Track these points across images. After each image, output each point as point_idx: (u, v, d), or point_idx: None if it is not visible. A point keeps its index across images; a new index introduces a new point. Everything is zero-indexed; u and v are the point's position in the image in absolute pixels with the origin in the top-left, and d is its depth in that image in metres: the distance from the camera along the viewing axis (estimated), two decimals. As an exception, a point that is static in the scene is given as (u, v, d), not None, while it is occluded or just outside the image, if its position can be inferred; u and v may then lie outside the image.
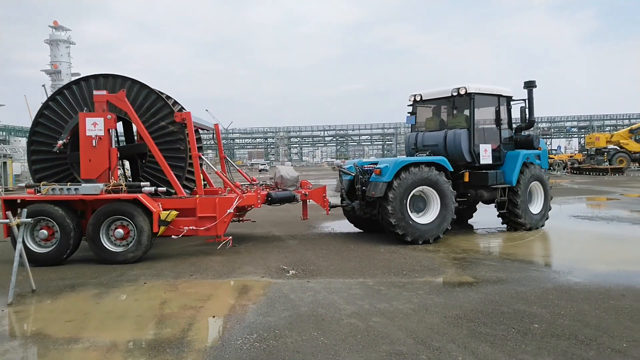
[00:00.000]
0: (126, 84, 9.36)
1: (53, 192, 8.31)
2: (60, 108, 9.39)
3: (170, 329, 5.04)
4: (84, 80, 9.46)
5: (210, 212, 8.69)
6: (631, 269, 7.15)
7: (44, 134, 9.42)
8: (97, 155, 8.60)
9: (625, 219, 12.37)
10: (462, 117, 10.94)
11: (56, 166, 9.45)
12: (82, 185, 8.40)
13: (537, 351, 4.23)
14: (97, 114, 8.67)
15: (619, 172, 37.04)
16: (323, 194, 10.31)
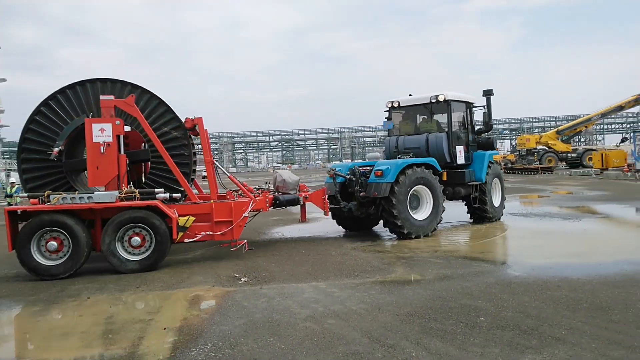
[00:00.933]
0: (126, 89, 9.11)
1: (64, 201, 7.81)
2: (53, 113, 8.93)
3: (119, 344, 4.85)
4: (80, 85, 9.06)
5: (226, 216, 8.66)
6: (565, 261, 7.65)
7: (35, 141, 8.89)
8: (105, 162, 8.24)
9: (556, 214, 13.21)
10: (434, 122, 12.02)
11: (49, 175, 8.96)
12: (96, 193, 7.99)
13: (485, 343, 4.44)
14: (104, 120, 8.31)
15: (549, 171, 39.48)
16: (323, 197, 10.52)
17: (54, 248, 7.71)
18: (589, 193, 19.92)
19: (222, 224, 8.61)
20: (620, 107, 44.12)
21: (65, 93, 9.03)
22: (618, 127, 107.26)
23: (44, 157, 8.79)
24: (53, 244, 7.71)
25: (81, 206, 7.85)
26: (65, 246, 7.80)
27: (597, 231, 10.54)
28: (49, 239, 7.73)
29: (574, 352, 4.13)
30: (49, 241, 7.72)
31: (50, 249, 7.72)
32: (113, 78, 9.15)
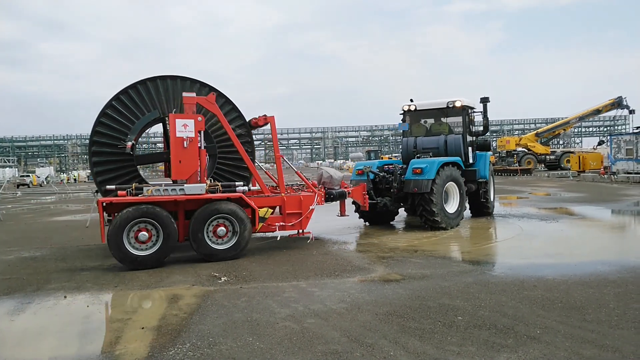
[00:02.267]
0: (195, 87, 9.45)
1: (157, 193, 8.08)
2: (124, 108, 9.12)
3: (96, 344, 4.79)
4: (150, 81, 9.27)
5: (296, 208, 9.30)
6: (541, 262, 7.79)
7: (106, 135, 9.06)
8: (188, 157, 8.52)
9: (534, 215, 13.43)
10: (445, 125, 13.21)
11: (120, 168, 9.14)
12: (186, 185, 8.35)
13: (462, 342, 4.50)
14: (187, 116, 8.60)
15: (528, 172, 40.13)
16: (363, 192, 11.09)
17: (145, 238, 7.93)
18: (566, 195, 20.31)
19: (292, 215, 9.24)
20: (597, 111, 45.08)
21: (136, 88, 9.21)
22: (595, 130, 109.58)
23: (114, 150, 8.96)
24: (144, 234, 7.93)
25: (175, 198, 8.15)
26: (154, 236, 8.01)
27: (574, 232, 10.75)
28: (139, 230, 7.93)
29: (548, 351, 4.21)
30: (139, 232, 7.91)
31: (141, 239, 7.92)
32: (183, 75, 9.43)
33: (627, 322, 4.87)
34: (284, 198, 9.24)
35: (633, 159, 30.73)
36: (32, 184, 52.16)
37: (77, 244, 10.86)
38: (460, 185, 11.70)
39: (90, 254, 9.61)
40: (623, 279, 6.49)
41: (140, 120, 9.15)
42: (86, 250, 10.09)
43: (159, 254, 8.03)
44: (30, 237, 12.40)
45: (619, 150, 32.44)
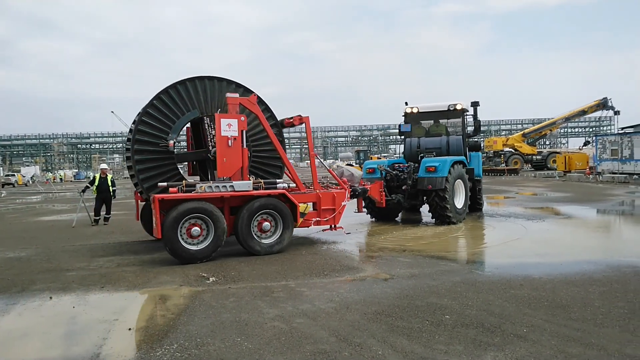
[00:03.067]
0: (230, 87, 9.77)
1: (209, 189, 8.39)
2: (165, 107, 9.34)
3: (82, 345, 4.74)
4: (189, 81, 9.51)
5: (330, 204, 9.75)
6: (528, 261, 7.86)
7: (148, 133, 9.24)
8: (232, 155, 8.83)
9: (521, 215, 13.56)
10: (442, 126, 14.16)
11: (162, 166, 9.36)
12: (235, 182, 8.69)
13: (449, 340, 4.53)
14: (231, 116, 8.91)
15: (514, 172, 40.51)
16: (380, 189, 11.65)
17: (197, 233, 8.21)
18: (552, 194, 20.53)
19: (327, 211, 9.69)
20: (583, 112, 45.67)
21: (176, 88, 9.41)
22: (581, 131, 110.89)
23: (156, 148, 9.19)
24: (197, 229, 8.20)
25: (226, 194, 8.53)
26: (204, 231, 8.28)
27: (560, 232, 10.87)
28: (191, 225, 8.17)
29: (535, 349, 4.26)
30: (192, 227, 8.16)
31: (194, 234, 8.18)
32: (220, 77, 9.72)
33: (612, 320, 4.94)
34: (319, 195, 9.66)
35: (618, 160, 31.17)
36: (17, 183, 51.47)
37: (63, 244, 10.74)
38: (465, 182, 12.55)
39: (77, 254, 9.51)
40: (608, 277, 6.58)
41: (181, 120, 9.43)
42: (72, 250, 9.98)
43: (210, 248, 8.30)
44: (15, 237, 12.22)
45: (604, 150, 32.88)
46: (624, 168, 30.21)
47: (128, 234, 12.20)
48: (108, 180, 14.55)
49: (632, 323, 4.83)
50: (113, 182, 14.79)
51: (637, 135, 29.96)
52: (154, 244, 10.39)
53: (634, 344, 4.32)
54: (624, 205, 16.70)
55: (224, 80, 9.78)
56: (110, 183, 14.56)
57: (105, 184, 14.45)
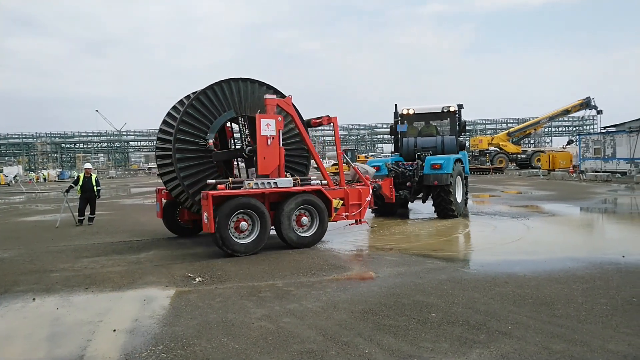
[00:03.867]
0: (262, 89, 10.13)
1: (255, 186, 8.83)
2: (203, 108, 9.63)
3: (66, 347, 4.68)
4: (225, 82, 9.82)
5: (357, 200, 10.33)
6: (512, 258, 7.95)
7: (187, 132, 9.49)
8: (271, 153, 9.21)
9: (505, 213, 13.72)
10: (433, 127, 15.16)
11: (200, 165, 9.62)
12: (278, 179, 9.19)
13: (435, 338, 4.56)
14: (270, 116, 9.29)
15: (499, 171, 40.95)
16: (390, 186, 12.46)
17: (245, 228, 8.64)
18: (536, 193, 20.79)
19: (354, 206, 10.26)
20: (566, 111, 46.34)
21: (212, 89, 9.70)
22: (565, 130, 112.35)
23: (195, 147, 9.48)
24: (244, 224, 8.62)
25: (271, 190, 9.02)
26: (250, 225, 8.72)
27: (544, 229, 11.02)
28: (239, 220, 8.59)
29: (519, 346, 4.30)
30: (239, 222, 8.58)
31: (242, 229, 8.61)
32: (252, 78, 10.10)
33: (595, 316, 5.01)
34: (347, 191, 10.25)
35: (600, 158, 31.69)
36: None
37: (47, 245, 10.59)
38: (462, 178, 13.51)
39: (61, 255, 9.38)
40: (591, 274, 6.69)
41: (218, 119, 9.75)
42: (56, 251, 9.85)
43: (256, 242, 8.72)
44: (-4, 238, 12.01)
45: (587, 149, 33.41)
46: (606, 166, 30.73)
47: (113, 234, 12.07)
48: (92, 179, 14.37)
49: (614, 319, 4.91)
50: (97, 181, 14.61)
51: (619, 135, 30.50)
52: (139, 244, 10.31)
53: (616, 339, 4.39)
54: (606, 203, 16.98)
55: (256, 82, 10.17)
56: (95, 183, 14.38)
57: (90, 184, 14.28)
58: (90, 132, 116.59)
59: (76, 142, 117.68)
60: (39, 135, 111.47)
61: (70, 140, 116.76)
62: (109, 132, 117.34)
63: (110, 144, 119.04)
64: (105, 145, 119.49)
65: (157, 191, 11.24)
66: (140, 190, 33.29)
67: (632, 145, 28.45)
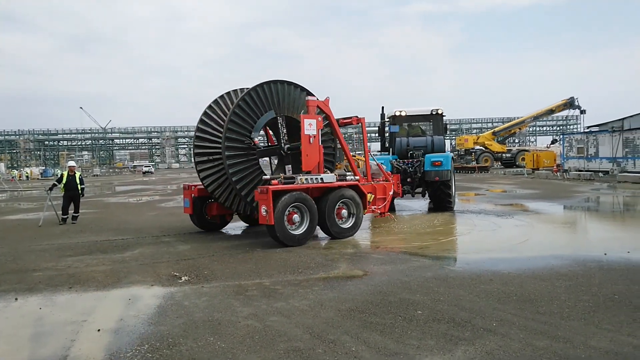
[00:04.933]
0: (296, 90, 10.81)
1: (307, 181, 9.56)
2: (248, 108, 10.14)
3: (49, 347, 4.61)
4: (266, 84, 10.36)
5: (382, 194, 11.34)
6: (497, 256, 8.05)
7: (235, 131, 9.99)
8: (312, 151, 9.93)
9: (490, 212, 13.85)
10: (418, 128, 16.20)
11: (246, 162, 10.11)
12: (323, 175, 9.96)
13: (421, 335, 4.60)
14: (312, 116, 9.99)
15: (485, 170, 41.33)
16: (398, 182, 13.08)
17: (297, 220, 9.29)
18: (521, 191, 21.03)
19: (380, 200, 11.17)
20: (551, 111, 46.94)
21: (255, 90, 10.23)
22: (549, 130, 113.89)
23: (241, 145, 10.02)
24: (296, 216, 9.27)
25: (319, 185, 9.76)
26: (300, 218, 9.35)
27: (528, 227, 11.13)
28: (291, 213, 9.19)
29: (504, 343, 4.36)
30: (292, 215, 9.21)
31: (294, 221, 9.25)
32: (288, 80, 10.71)
33: (578, 313, 5.09)
34: (375, 186, 11.17)
35: (584, 157, 32.15)
36: (-20, 181, 49.67)
37: (30, 244, 10.43)
38: (454, 175, 14.71)
39: (44, 254, 9.25)
40: (574, 272, 6.79)
41: (261, 119, 10.29)
42: (39, 250, 9.70)
43: (307, 233, 9.39)
44: (-23, 237, 11.79)
45: (570, 148, 33.88)
46: (589, 165, 31.19)
47: (98, 233, 11.93)
48: (76, 178, 14.19)
49: (597, 316, 5.00)
50: (82, 179, 14.42)
51: (602, 134, 30.97)
52: (124, 242, 10.20)
53: (598, 336, 4.47)
54: (589, 201, 17.25)
55: (292, 84, 10.78)
56: (79, 181, 14.19)
57: (74, 182, 14.09)
58: (75, 130, 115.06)
59: (60, 139, 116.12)
60: (22, 132, 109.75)
61: (54, 137, 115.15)
62: (94, 129, 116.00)
63: (94, 141, 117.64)
64: (89, 142, 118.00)
65: (185, 187, 11.57)
66: (126, 189, 32.96)
67: (614, 144, 28.92)
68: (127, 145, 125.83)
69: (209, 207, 11.50)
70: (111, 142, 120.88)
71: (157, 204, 20.26)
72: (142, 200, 22.26)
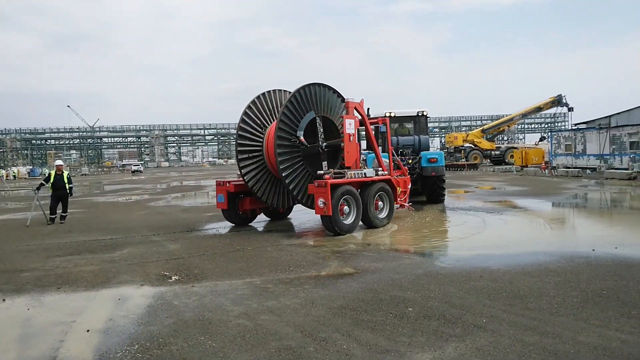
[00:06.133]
0: (330, 92, 11.55)
1: (355, 176, 10.61)
2: (293, 108, 10.81)
3: (38, 348, 4.56)
4: (307, 87, 11.02)
5: (404, 187, 12.42)
6: (487, 253, 8.10)
7: (284, 130, 10.65)
8: (352, 148, 11.01)
9: (480, 209, 13.94)
10: (405, 128, 17.21)
11: (293, 158, 10.77)
12: (366, 170, 11.25)
13: (412, 332, 4.61)
14: (351, 117, 11.07)
15: (474, 167, 41.57)
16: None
17: (347, 211, 10.36)
18: (510, 188, 21.19)
19: (402, 192, 12.24)
20: (539, 108, 47.25)
21: (299, 92, 10.86)
22: (537, 127, 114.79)
23: (289, 143, 10.70)
24: (346, 208, 10.33)
25: (359, 180, 10.76)
26: (348, 208, 10.40)
27: (517, 224, 11.24)
28: (341, 205, 10.18)
29: (494, 339, 4.39)
30: (342, 206, 10.22)
31: (345, 212, 10.29)
32: (323, 83, 11.39)
33: (566, 309, 5.14)
34: (398, 180, 12.13)
35: (571, 154, 32.48)
36: (-35, 181, 48.95)
37: (17, 244, 10.30)
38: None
39: (31, 254, 9.13)
40: (562, 268, 6.85)
41: (304, 119, 10.93)
42: (26, 250, 9.58)
43: (355, 222, 10.46)
44: (-37, 237, 11.62)
45: (558, 146, 34.19)
46: (577, 162, 31.52)
47: (86, 232, 11.82)
48: (64, 177, 14.02)
49: (585, 312, 5.05)
50: (69, 179, 14.26)
51: (589, 131, 31.29)
52: (113, 242, 10.11)
53: (586, 331, 4.52)
54: (577, 198, 17.42)
55: (326, 87, 11.52)
56: (67, 180, 14.03)
57: (62, 181, 13.93)
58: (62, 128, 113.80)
59: (47, 138, 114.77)
60: (8, 131, 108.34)
61: (41, 136, 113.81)
62: (82, 128, 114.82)
63: (82, 140, 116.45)
64: (77, 141, 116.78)
65: (219, 184, 12.06)
66: (115, 188, 32.69)
67: (601, 141, 29.24)
68: (116, 144, 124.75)
69: (241, 202, 12.10)
70: (99, 141, 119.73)
71: (147, 203, 20.11)
72: (131, 200, 22.07)
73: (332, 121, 11.59)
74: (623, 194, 17.97)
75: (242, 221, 12.26)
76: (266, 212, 12.93)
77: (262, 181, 11.56)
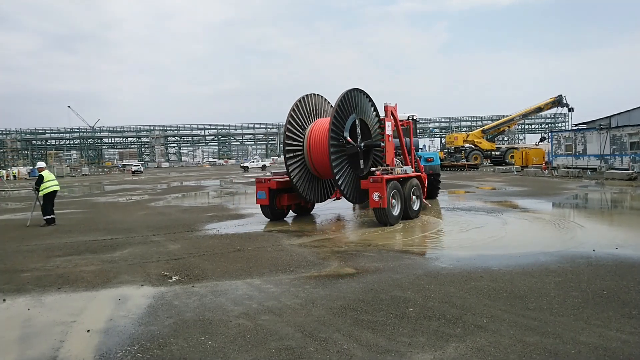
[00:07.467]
0: (363, 97, 12.53)
1: (401, 172, 12.01)
2: (341, 112, 11.73)
3: (38, 348, 4.56)
4: (349, 92, 11.98)
5: (423, 183, 13.48)
6: (487, 253, 8.09)
7: (334, 131, 11.55)
8: (390, 148, 12.39)
9: (480, 209, 13.93)
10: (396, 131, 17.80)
11: (341, 156, 11.71)
12: (406, 167, 12.71)
13: (413, 333, 4.61)
14: (389, 119, 12.48)
15: (474, 168, 41.56)
16: None
17: (395, 204, 11.43)
18: (510, 189, 21.18)
19: (423, 187, 13.30)
20: (539, 109, 47.27)
21: (345, 97, 11.85)
22: (537, 127, 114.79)
23: (337, 142, 11.63)
24: (394, 201, 11.38)
25: (403, 176, 12.03)
26: (395, 201, 11.45)
27: (517, 224, 11.23)
28: (391, 198, 11.16)
29: (494, 339, 4.38)
30: (391, 199, 11.23)
31: (393, 205, 11.33)
32: (359, 88, 12.42)
33: (567, 309, 5.14)
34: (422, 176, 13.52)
35: (572, 155, 32.46)
36: (-34, 181, 48.97)
37: (17, 244, 10.30)
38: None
39: (32, 254, 9.14)
40: (563, 268, 6.85)
41: (348, 121, 11.88)
42: (27, 250, 9.59)
43: (400, 214, 11.62)
44: (-37, 238, 11.62)
45: (559, 146, 34.18)
46: (577, 163, 31.51)
47: (87, 232, 11.82)
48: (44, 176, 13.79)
49: (586, 312, 5.04)
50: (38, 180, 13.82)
51: (589, 132, 31.28)
52: (113, 242, 10.12)
53: (587, 331, 4.51)
54: (577, 198, 17.41)
55: (361, 91, 12.51)
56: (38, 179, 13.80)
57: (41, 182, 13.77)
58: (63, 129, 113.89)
59: (47, 138, 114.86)
60: (9, 131, 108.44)
61: (42, 136, 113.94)
62: (82, 128, 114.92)
63: (83, 140, 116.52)
64: (78, 142, 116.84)
65: (260, 181, 12.95)
66: (115, 188, 32.70)
67: (601, 142, 29.24)
68: (116, 145, 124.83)
69: (279, 198, 12.99)
70: (100, 142, 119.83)
71: (147, 203, 20.11)
72: (132, 200, 22.08)
73: (365, 123, 12.48)
74: (623, 195, 17.96)
75: (278, 216, 13.08)
76: (295, 208, 13.88)
77: (303, 178, 12.52)
